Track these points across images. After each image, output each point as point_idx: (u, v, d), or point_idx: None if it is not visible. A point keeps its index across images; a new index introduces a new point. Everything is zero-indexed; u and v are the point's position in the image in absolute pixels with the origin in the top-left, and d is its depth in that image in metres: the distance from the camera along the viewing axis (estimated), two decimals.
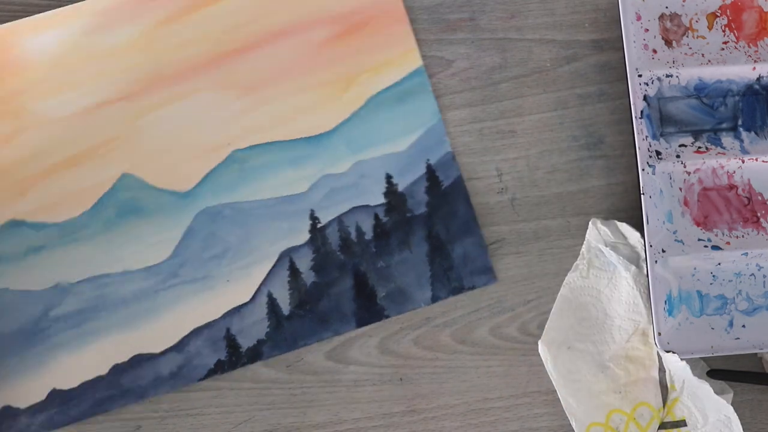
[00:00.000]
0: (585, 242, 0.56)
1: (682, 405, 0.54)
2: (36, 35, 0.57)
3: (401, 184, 0.57)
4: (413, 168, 0.57)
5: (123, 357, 0.55)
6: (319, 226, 0.57)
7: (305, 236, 0.56)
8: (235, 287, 0.56)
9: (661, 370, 0.56)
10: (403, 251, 0.56)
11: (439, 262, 0.56)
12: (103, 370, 0.54)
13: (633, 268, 0.55)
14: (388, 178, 0.57)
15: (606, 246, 0.55)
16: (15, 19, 0.57)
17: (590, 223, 0.56)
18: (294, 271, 0.56)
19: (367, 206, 0.57)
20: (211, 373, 0.55)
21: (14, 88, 0.57)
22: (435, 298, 0.56)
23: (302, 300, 0.56)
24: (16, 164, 0.56)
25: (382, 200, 0.57)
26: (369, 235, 0.57)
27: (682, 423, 0.55)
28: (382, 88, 0.58)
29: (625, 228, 0.56)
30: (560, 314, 0.56)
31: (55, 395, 0.54)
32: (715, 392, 0.53)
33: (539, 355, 0.56)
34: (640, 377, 0.55)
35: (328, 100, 0.58)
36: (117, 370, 0.54)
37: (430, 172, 0.58)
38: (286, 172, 0.57)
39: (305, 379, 0.55)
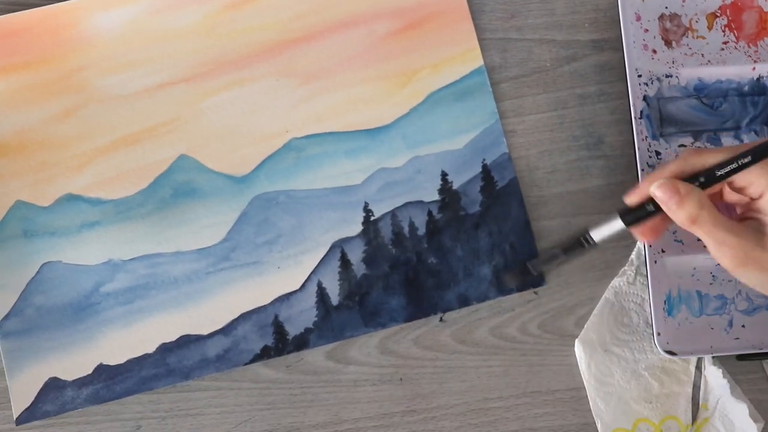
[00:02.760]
0: (635, 249, 0.56)
1: (712, 426, 0.54)
2: (102, 12, 0.58)
3: (456, 182, 0.57)
4: (469, 167, 0.57)
5: (171, 337, 0.55)
6: (372, 218, 0.57)
7: (358, 228, 0.56)
8: (285, 274, 0.56)
9: (695, 386, 0.55)
10: (455, 249, 0.56)
11: (489, 262, 0.56)
12: (150, 349, 0.55)
13: None
14: (444, 175, 0.57)
15: None
16: None
17: None
18: (345, 262, 0.56)
19: (421, 202, 0.57)
20: (257, 358, 0.55)
21: (78, 64, 0.57)
22: (483, 298, 0.56)
23: (351, 291, 0.56)
24: (74, 139, 0.57)
25: (436, 197, 0.57)
26: (421, 230, 0.57)
27: None
28: (442, 85, 0.58)
29: None
30: (601, 316, 0.56)
31: (102, 370, 0.54)
32: (749, 415, 0.53)
33: (539, 355, 0.56)
34: (673, 390, 0.55)
35: (387, 94, 0.58)
36: (164, 349, 0.55)
37: (486, 172, 0.57)
38: (342, 163, 0.57)
39: (305, 379, 0.55)
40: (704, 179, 0.45)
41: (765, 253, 0.44)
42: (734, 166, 0.44)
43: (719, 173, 0.45)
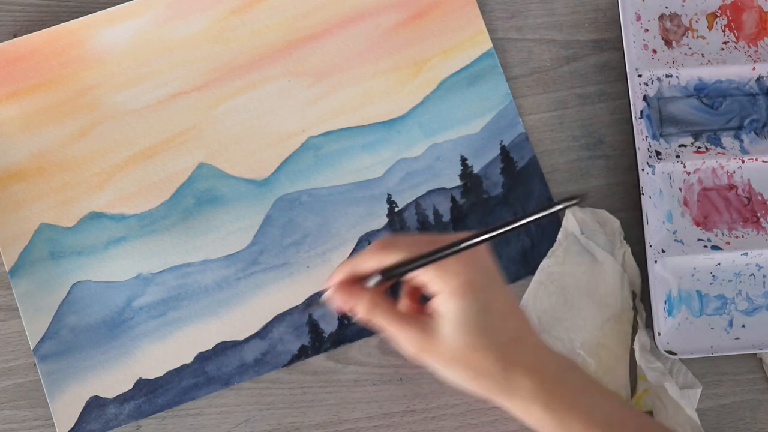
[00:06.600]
0: (561, 229, 0.56)
1: (654, 396, 0.54)
2: (108, 29, 0.58)
3: (476, 166, 0.57)
4: (487, 150, 0.58)
5: (207, 345, 0.55)
6: (396, 209, 0.57)
7: (383, 220, 0.57)
8: (315, 273, 0.56)
9: (633, 360, 0.55)
10: None
11: (517, 242, 0.57)
12: (188, 359, 0.55)
13: (608, 256, 0.55)
14: (463, 160, 0.57)
15: (582, 234, 0.55)
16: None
17: (567, 210, 0.55)
18: None
19: (443, 189, 0.57)
20: (295, 358, 0.55)
21: (89, 82, 0.57)
22: (514, 278, 0.56)
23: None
24: (92, 158, 0.57)
25: (458, 182, 0.57)
26: (446, 217, 0.57)
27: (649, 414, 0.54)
28: (453, 71, 0.58)
29: (602, 215, 0.55)
30: (534, 299, 0.55)
31: (142, 384, 0.54)
32: (681, 386, 0.53)
33: None
34: (610, 366, 0.54)
35: (399, 84, 0.58)
36: (202, 357, 0.55)
37: (504, 154, 0.58)
38: (361, 158, 0.57)
39: (305, 379, 0.55)
40: (382, 277, 0.44)
41: (435, 343, 0.43)
42: (409, 267, 0.44)
43: (399, 271, 0.44)
